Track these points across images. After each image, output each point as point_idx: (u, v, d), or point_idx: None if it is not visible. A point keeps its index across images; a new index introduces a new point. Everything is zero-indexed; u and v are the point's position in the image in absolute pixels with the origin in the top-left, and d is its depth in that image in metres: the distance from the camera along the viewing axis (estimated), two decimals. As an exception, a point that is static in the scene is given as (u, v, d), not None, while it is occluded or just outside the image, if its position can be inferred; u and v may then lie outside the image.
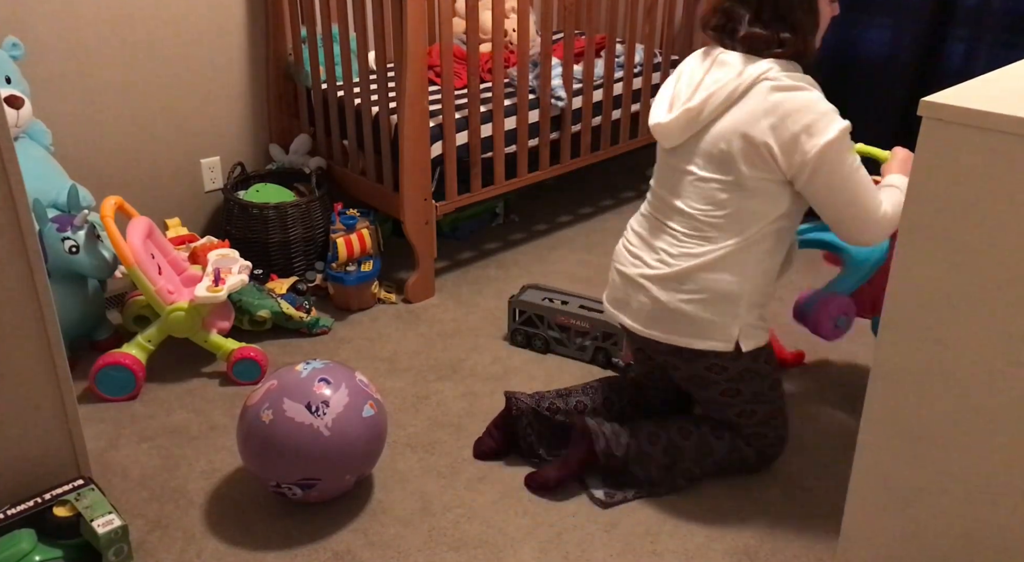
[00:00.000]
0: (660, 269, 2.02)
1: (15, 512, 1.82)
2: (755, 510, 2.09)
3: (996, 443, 1.39)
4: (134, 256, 2.36)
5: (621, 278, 2.12)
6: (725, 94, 1.90)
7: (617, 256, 2.16)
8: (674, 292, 1.99)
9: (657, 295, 2.01)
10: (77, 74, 2.73)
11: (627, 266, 2.10)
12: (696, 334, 1.99)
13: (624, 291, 2.11)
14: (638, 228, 2.13)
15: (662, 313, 2.02)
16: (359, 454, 1.99)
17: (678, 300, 1.99)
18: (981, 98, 1.31)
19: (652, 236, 2.07)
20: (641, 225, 2.12)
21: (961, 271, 1.35)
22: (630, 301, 2.09)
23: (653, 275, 2.03)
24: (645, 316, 2.05)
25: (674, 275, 1.99)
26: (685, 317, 1.99)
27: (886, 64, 3.07)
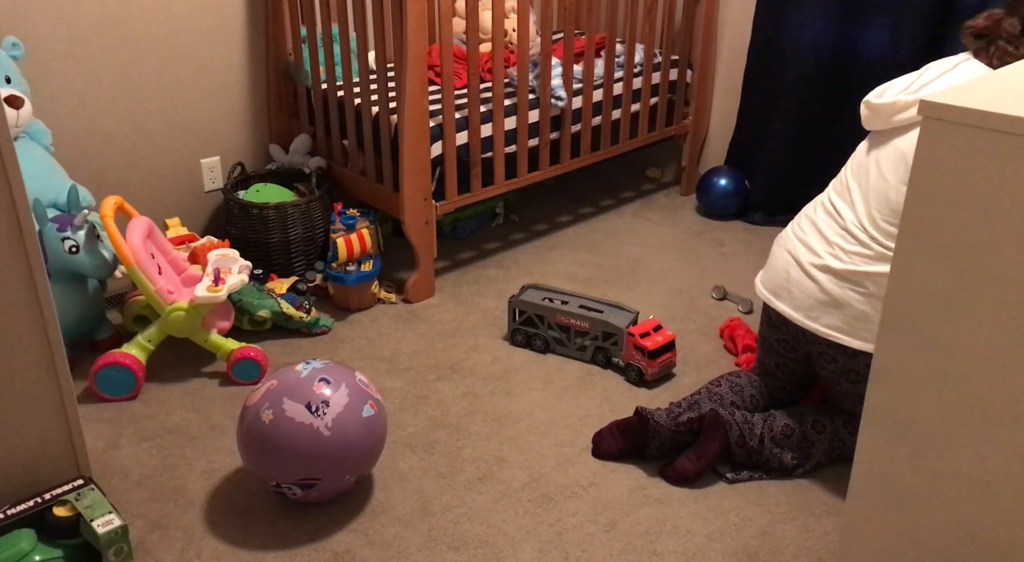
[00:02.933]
0: (834, 263, 2.04)
1: (15, 512, 1.82)
2: (755, 510, 2.09)
3: (996, 443, 1.39)
4: (134, 256, 2.36)
5: (786, 263, 2.14)
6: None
7: (785, 241, 2.18)
8: (848, 288, 2.01)
9: (830, 288, 2.04)
10: (77, 74, 2.73)
11: (798, 252, 2.12)
12: (865, 335, 2.01)
13: (787, 277, 2.13)
14: (812, 215, 2.14)
15: (832, 307, 2.04)
16: (359, 454, 1.99)
17: (851, 296, 2.01)
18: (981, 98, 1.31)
19: (826, 227, 2.08)
20: (817, 212, 2.14)
21: (961, 271, 1.35)
22: (792, 289, 2.11)
23: (826, 266, 2.05)
24: (811, 306, 2.07)
25: (848, 273, 2.02)
26: (858, 315, 2.01)
27: (886, 64, 3.07)
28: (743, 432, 2.13)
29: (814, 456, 2.17)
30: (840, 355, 2.11)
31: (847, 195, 2.08)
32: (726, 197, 3.55)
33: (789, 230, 2.21)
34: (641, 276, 3.14)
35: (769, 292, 2.21)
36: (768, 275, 2.22)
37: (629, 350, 2.54)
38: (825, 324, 2.07)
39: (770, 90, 3.41)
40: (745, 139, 3.58)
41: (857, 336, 2.04)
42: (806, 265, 2.09)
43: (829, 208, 2.12)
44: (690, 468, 2.14)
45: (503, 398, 2.49)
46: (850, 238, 2.04)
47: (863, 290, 2.00)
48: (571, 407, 2.45)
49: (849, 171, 2.12)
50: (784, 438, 2.15)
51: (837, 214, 2.08)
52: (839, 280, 2.03)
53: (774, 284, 2.19)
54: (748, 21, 3.42)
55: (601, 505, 2.10)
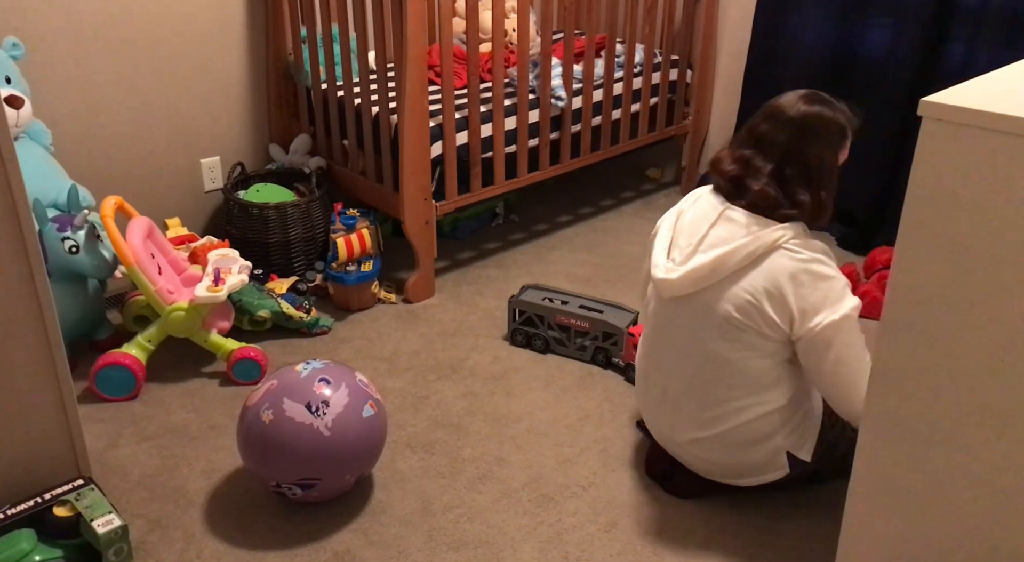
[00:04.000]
0: (693, 434, 1.99)
1: (15, 512, 1.82)
2: (755, 510, 2.09)
3: (996, 443, 1.39)
4: (134, 256, 2.36)
5: (657, 432, 2.11)
6: (741, 257, 1.80)
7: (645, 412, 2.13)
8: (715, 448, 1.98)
9: (702, 455, 2.01)
10: (77, 74, 2.73)
11: (668, 431, 2.06)
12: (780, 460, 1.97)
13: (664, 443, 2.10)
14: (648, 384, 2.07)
15: (736, 461, 1.99)
16: (359, 454, 1.99)
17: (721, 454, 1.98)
18: (981, 98, 1.31)
19: (665, 398, 2.02)
20: (643, 382, 2.09)
21: (961, 271, 1.35)
22: (675, 452, 2.08)
23: (686, 441, 2.01)
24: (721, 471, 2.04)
25: (699, 439, 1.98)
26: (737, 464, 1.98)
27: (886, 64, 3.07)
28: None
29: (823, 480, 2.11)
30: (763, 486, 2.04)
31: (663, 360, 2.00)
32: (726, 197, 3.54)
33: (639, 400, 2.14)
34: (641, 276, 3.14)
35: (663, 444, 2.12)
36: (658, 442, 2.15)
37: (629, 350, 2.54)
38: (716, 478, 2.05)
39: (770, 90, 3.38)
40: (745, 139, 3.57)
41: (744, 477, 2.01)
42: (672, 439, 2.05)
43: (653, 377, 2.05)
44: (686, 488, 2.11)
45: (503, 398, 2.48)
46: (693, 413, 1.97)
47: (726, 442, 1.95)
48: (571, 407, 2.45)
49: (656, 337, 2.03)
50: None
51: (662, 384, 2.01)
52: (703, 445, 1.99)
53: (668, 449, 2.12)
54: (748, 21, 3.42)
55: (601, 505, 2.10)
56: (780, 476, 1.98)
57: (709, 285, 1.85)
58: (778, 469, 1.97)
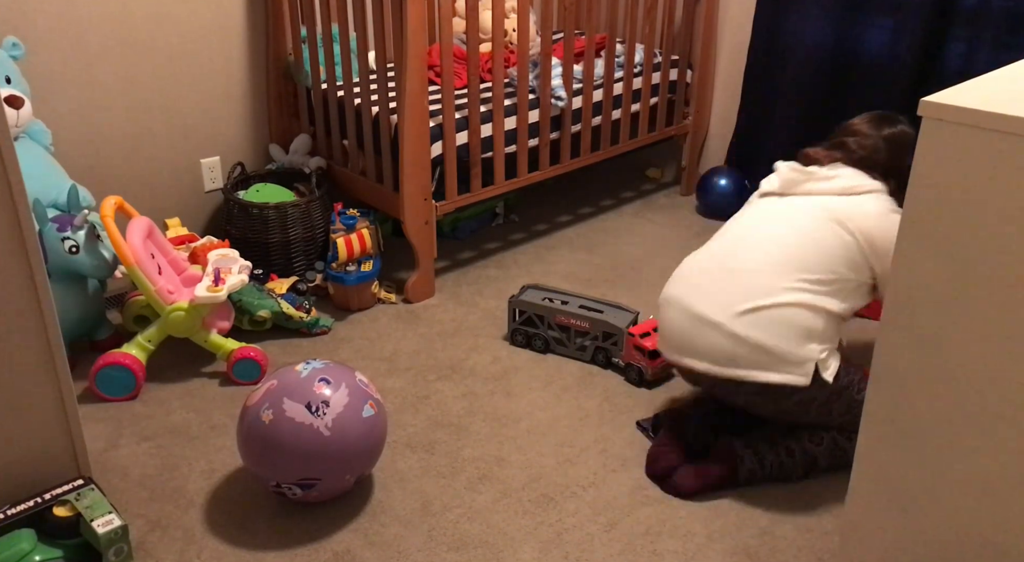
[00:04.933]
0: (748, 303, 2.05)
1: (15, 512, 1.82)
2: (755, 510, 2.09)
3: (996, 443, 1.39)
4: (134, 256, 2.36)
5: (681, 320, 2.15)
6: (848, 184, 2.12)
7: (672, 299, 2.20)
8: (750, 326, 2.04)
9: (731, 329, 2.05)
10: (77, 74, 2.73)
11: (694, 305, 2.13)
12: (776, 367, 2.03)
13: (686, 332, 2.14)
14: (697, 267, 2.21)
15: (737, 349, 2.05)
16: (359, 454, 1.99)
17: (753, 333, 2.03)
18: (981, 98, 1.31)
19: (727, 273, 2.13)
20: (705, 262, 2.20)
21: (961, 271, 1.35)
22: (696, 343, 2.11)
23: (736, 312, 2.05)
24: (716, 356, 2.09)
25: (750, 308, 2.04)
26: (762, 350, 2.03)
27: (886, 64, 3.07)
28: (752, 469, 2.12)
29: (818, 468, 2.16)
30: (763, 399, 2.09)
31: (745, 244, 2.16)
32: (726, 197, 3.55)
33: (674, 289, 2.22)
34: (641, 276, 3.14)
35: (675, 351, 2.19)
36: (668, 336, 2.20)
37: (629, 350, 2.54)
38: (731, 368, 2.06)
39: (770, 90, 3.41)
40: (745, 139, 3.58)
41: (765, 370, 2.03)
42: (707, 315, 2.09)
43: (720, 260, 2.17)
44: (689, 484, 2.12)
45: (503, 398, 2.49)
46: (752, 280, 2.07)
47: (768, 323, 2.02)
48: (571, 407, 2.45)
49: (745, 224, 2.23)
50: (789, 460, 2.14)
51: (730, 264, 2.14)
52: (739, 320, 2.04)
53: (678, 343, 2.17)
54: (748, 21, 3.42)
55: (601, 505, 2.10)
56: (801, 383, 2.02)
57: (824, 192, 2.13)
58: (803, 375, 2.02)
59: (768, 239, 2.12)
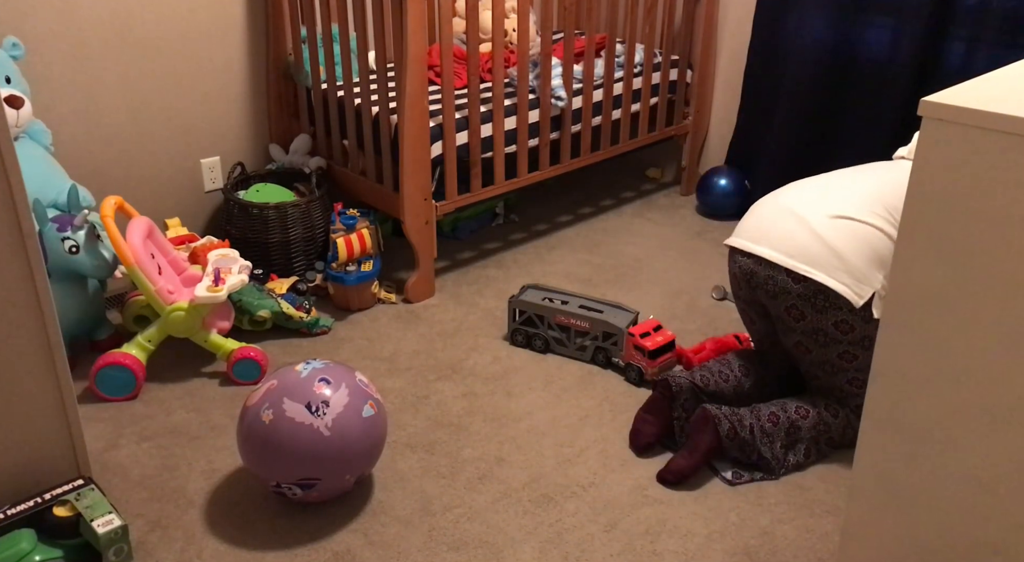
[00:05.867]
0: (844, 211, 2.11)
1: (15, 512, 1.82)
2: (755, 510, 2.09)
3: (996, 443, 1.39)
4: (134, 256, 2.36)
5: (775, 206, 2.20)
6: None
7: (772, 197, 2.26)
8: (835, 230, 2.09)
9: (816, 226, 2.10)
10: (77, 74, 2.73)
11: (788, 202, 2.18)
12: (840, 276, 2.07)
13: (770, 223, 2.18)
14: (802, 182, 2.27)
15: (810, 247, 2.10)
16: (359, 454, 1.99)
17: (835, 237, 2.08)
18: (981, 98, 1.31)
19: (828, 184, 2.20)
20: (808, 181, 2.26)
21: (961, 271, 1.35)
22: (771, 232, 2.16)
23: (829, 214, 2.11)
24: (787, 248, 2.13)
25: (841, 216, 2.10)
26: (836, 255, 2.07)
27: (886, 64, 3.07)
28: (732, 424, 2.14)
29: (801, 441, 2.19)
30: (808, 308, 2.12)
31: (850, 176, 2.21)
32: (726, 197, 3.55)
33: (770, 195, 2.29)
34: (641, 276, 3.14)
35: (746, 239, 2.23)
36: (746, 227, 2.26)
37: (629, 350, 2.54)
38: (798, 260, 2.11)
39: (770, 90, 3.41)
40: (745, 139, 3.58)
41: (829, 275, 2.08)
42: (795, 208, 2.15)
43: (824, 180, 2.23)
44: (684, 464, 2.14)
45: (503, 398, 2.49)
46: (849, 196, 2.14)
47: (851, 234, 2.07)
48: (571, 407, 2.45)
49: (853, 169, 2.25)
50: (772, 426, 2.17)
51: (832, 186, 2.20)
52: (826, 222, 2.10)
53: (752, 232, 2.22)
54: (748, 21, 3.42)
55: (601, 505, 2.10)
56: (855, 301, 2.06)
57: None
58: (860, 295, 2.06)
59: (880, 179, 2.16)
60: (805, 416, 2.20)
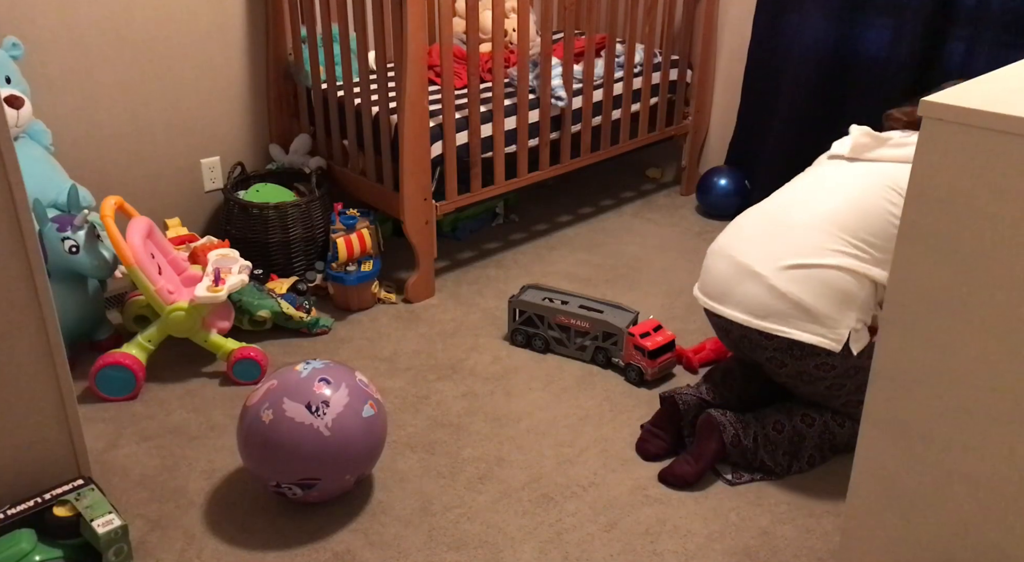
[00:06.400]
0: (796, 259, 2.07)
1: (15, 512, 1.82)
2: (755, 510, 2.09)
3: (996, 443, 1.39)
4: (134, 256, 2.36)
5: (731, 265, 2.16)
6: (907, 152, 2.02)
7: (722, 249, 2.22)
8: (795, 283, 2.05)
9: (775, 284, 2.06)
10: (77, 74, 2.73)
11: (741, 256, 2.15)
12: (808, 327, 2.04)
13: (728, 281, 2.15)
14: (748, 221, 2.22)
15: (775, 304, 2.06)
16: (359, 454, 1.99)
17: (796, 290, 2.05)
18: (981, 98, 1.31)
19: (772, 230, 2.15)
20: (754, 218, 2.21)
21: (961, 271, 1.35)
22: (735, 292, 2.13)
23: (783, 266, 2.07)
24: (755, 308, 2.10)
25: (796, 265, 2.06)
26: (801, 308, 2.04)
27: (886, 64, 3.07)
28: (737, 431, 2.14)
29: (805, 449, 2.18)
30: (787, 358, 2.11)
31: (800, 202, 2.16)
32: (726, 197, 3.55)
33: (724, 239, 2.24)
34: (641, 276, 3.14)
35: (711, 299, 2.22)
36: (708, 282, 2.23)
37: (629, 350, 2.54)
38: (766, 321, 2.08)
39: (770, 90, 3.41)
40: (745, 139, 3.58)
41: (799, 329, 2.05)
42: (751, 265, 2.11)
43: (773, 215, 2.18)
44: (688, 471, 2.14)
45: (503, 398, 2.49)
46: (802, 237, 2.08)
47: (812, 283, 2.04)
48: (571, 407, 2.45)
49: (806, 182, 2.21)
50: (776, 434, 2.16)
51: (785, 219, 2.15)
52: (782, 274, 2.06)
53: (715, 291, 2.20)
54: (748, 21, 3.42)
55: (601, 505, 2.10)
56: (832, 347, 2.03)
57: (891, 159, 2.08)
58: (836, 340, 2.03)
59: (821, 201, 2.12)
60: (811, 424, 2.18)
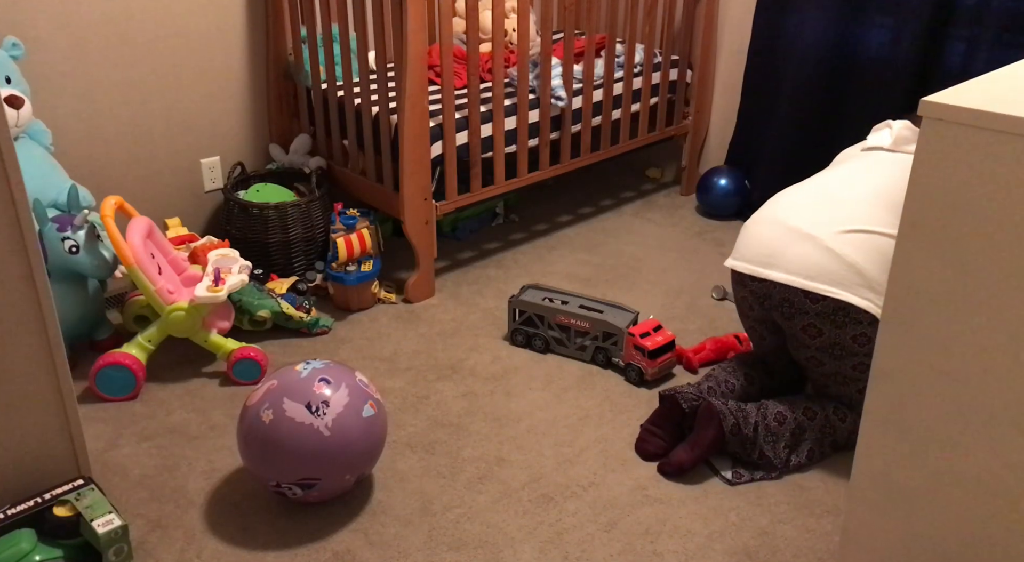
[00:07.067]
0: (856, 225, 2.08)
1: (15, 512, 1.82)
2: (755, 510, 2.09)
3: (996, 443, 1.39)
4: (134, 256, 2.36)
5: (779, 229, 2.17)
6: None
7: (769, 211, 2.22)
8: (848, 246, 2.06)
9: (829, 243, 2.07)
10: (77, 74, 2.73)
11: (792, 219, 2.15)
12: (861, 291, 2.05)
13: (777, 245, 2.15)
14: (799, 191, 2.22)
15: (828, 265, 2.08)
16: (359, 454, 1.99)
17: (850, 252, 2.06)
18: (981, 98, 1.31)
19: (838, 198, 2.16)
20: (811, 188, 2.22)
21: (961, 271, 1.35)
22: (786, 254, 2.13)
23: (840, 230, 2.09)
24: (807, 269, 2.11)
25: (853, 230, 2.08)
26: (854, 271, 2.05)
27: (886, 64, 3.07)
28: (737, 420, 2.14)
29: (806, 442, 2.19)
30: (826, 325, 2.11)
31: (847, 181, 2.17)
32: (726, 197, 3.55)
33: (767, 210, 2.25)
34: (641, 276, 3.14)
35: (754, 264, 2.21)
36: (750, 249, 2.22)
37: (629, 350, 2.54)
38: (818, 281, 2.09)
39: (770, 90, 3.41)
40: (745, 139, 3.58)
41: (852, 292, 2.06)
42: (803, 228, 2.12)
43: (821, 190, 2.19)
44: (685, 458, 2.14)
45: (503, 398, 2.49)
46: (855, 208, 2.11)
47: (863, 249, 2.05)
48: (571, 407, 2.45)
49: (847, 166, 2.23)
50: (777, 425, 2.16)
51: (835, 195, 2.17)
52: (839, 238, 2.07)
53: (760, 256, 2.19)
54: (748, 21, 3.42)
55: (601, 505, 2.10)
56: (878, 313, 2.03)
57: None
58: (881, 305, 2.02)
59: (869, 181, 2.13)
60: (812, 417, 2.19)
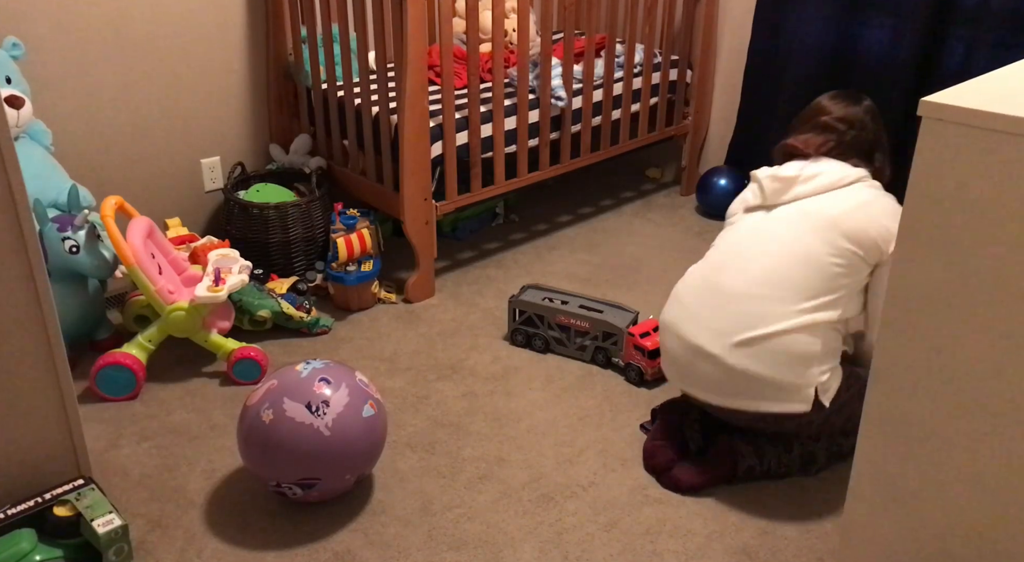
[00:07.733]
0: (745, 334, 2.01)
1: (15, 512, 1.82)
2: (755, 510, 2.09)
3: (996, 443, 1.39)
4: (134, 256, 2.36)
5: (682, 346, 2.12)
6: (832, 179, 2.06)
7: (672, 327, 2.16)
8: (751, 357, 2.01)
9: (730, 362, 2.02)
10: (77, 74, 2.73)
11: (691, 336, 2.10)
12: (778, 396, 2.02)
13: (689, 360, 2.11)
14: (691, 293, 2.15)
15: (739, 381, 2.03)
16: (359, 454, 1.99)
17: (754, 364, 2.00)
18: (981, 98, 1.31)
19: (723, 302, 2.07)
20: (692, 294, 2.14)
21: (961, 271, 1.35)
22: (698, 374, 2.09)
23: (733, 343, 2.02)
24: (719, 388, 2.07)
25: (746, 340, 2.01)
26: (763, 382, 2.01)
27: (886, 64, 3.07)
28: (752, 464, 2.13)
29: (814, 464, 2.17)
30: (761, 423, 2.09)
31: (735, 269, 2.09)
32: (726, 197, 3.52)
33: (670, 313, 2.19)
34: (641, 276, 3.14)
35: (674, 378, 2.20)
36: (668, 354, 2.19)
37: (629, 350, 2.54)
38: (728, 399, 2.06)
39: (770, 90, 3.41)
40: (745, 139, 3.58)
41: (765, 400, 2.02)
42: (704, 347, 2.06)
43: (713, 284, 2.11)
44: (685, 480, 2.13)
45: (503, 398, 2.49)
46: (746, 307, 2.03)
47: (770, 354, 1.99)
48: (571, 407, 2.45)
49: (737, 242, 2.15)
50: (787, 453, 2.15)
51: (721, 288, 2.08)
52: (736, 352, 2.02)
53: (677, 372, 2.17)
54: (748, 21, 3.42)
55: (601, 505, 2.10)
56: (801, 409, 2.00)
57: (809, 194, 2.07)
58: (803, 401, 2.00)
59: (758, 262, 2.05)
60: (817, 439, 2.16)
